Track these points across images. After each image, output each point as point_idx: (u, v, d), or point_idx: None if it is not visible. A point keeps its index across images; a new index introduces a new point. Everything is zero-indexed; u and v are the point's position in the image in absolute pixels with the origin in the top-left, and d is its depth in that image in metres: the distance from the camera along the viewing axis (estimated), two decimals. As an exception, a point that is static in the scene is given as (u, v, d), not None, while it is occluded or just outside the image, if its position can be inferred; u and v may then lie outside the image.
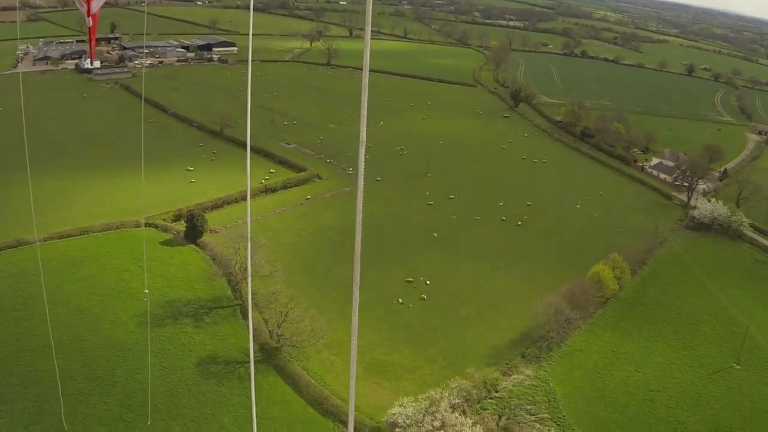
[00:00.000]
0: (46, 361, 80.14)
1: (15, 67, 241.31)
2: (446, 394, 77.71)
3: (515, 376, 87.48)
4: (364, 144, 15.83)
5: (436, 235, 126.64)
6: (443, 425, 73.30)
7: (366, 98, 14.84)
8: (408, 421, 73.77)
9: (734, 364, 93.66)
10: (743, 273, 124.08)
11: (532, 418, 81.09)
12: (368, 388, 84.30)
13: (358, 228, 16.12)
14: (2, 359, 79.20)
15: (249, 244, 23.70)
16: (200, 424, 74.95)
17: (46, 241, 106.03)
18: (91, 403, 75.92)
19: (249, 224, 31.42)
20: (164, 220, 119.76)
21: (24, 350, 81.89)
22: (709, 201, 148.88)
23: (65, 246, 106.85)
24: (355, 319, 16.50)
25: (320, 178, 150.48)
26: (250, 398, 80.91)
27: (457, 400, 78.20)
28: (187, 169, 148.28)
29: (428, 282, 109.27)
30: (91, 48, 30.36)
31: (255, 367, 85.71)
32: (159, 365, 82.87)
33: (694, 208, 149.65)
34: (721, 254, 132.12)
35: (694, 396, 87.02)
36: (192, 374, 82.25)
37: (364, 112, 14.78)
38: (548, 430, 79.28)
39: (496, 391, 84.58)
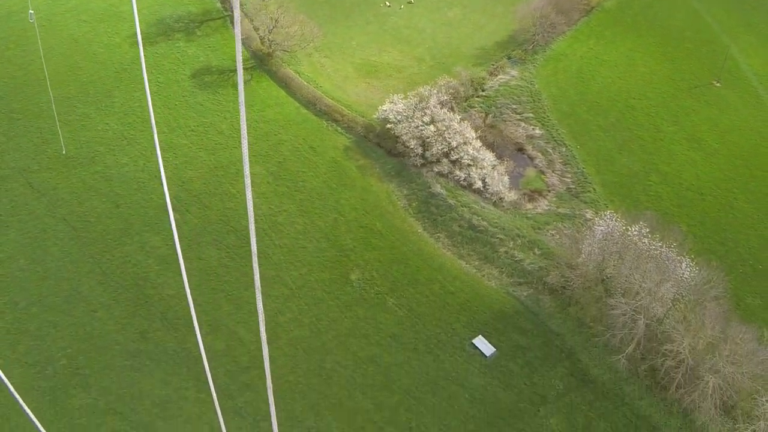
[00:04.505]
0: (45, 93, 77.88)
1: None
2: (435, 92, 76.66)
3: (501, 77, 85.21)
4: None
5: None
6: (432, 120, 73.06)
7: None
8: (399, 117, 73.78)
9: (714, 82, 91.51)
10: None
11: (518, 116, 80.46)
12: (359, 87, 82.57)
13: None
14: (2, 97, 76.84)
15: None
16: (199, 133, 74.94)
17: None
18: (92, 126, 75.03)
19: None
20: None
21: (22, 86, 79.56)
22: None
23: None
24: None
25: None
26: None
27: (446, 97, 77.12)
28: None
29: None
30: None
31: (248, 74, 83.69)
32: (155, 81, 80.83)
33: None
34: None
35: (673, 107, 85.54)
36: (188, 86, 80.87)
37: None
38: (533, 128, 78.98)
39: (483, 90, 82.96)
